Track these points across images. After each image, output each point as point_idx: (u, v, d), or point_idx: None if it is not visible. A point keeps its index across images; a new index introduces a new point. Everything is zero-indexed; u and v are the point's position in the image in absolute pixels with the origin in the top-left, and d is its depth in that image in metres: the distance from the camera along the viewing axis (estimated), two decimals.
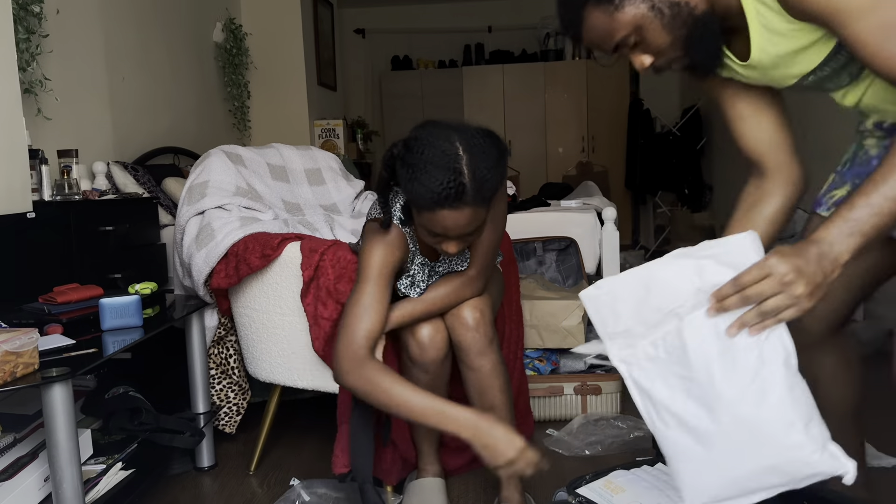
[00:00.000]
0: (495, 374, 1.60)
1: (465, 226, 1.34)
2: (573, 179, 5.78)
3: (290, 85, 5.25)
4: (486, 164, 1.32)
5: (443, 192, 1.29)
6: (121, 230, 2.41)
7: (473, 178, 1.30)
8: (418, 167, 1.31)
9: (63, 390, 1.36)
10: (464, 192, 1.30)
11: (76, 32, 3.08)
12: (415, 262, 1.60)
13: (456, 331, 1.59)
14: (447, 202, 1.30)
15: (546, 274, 2.97)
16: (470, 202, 1.31)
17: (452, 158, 1.30)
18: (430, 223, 1.35)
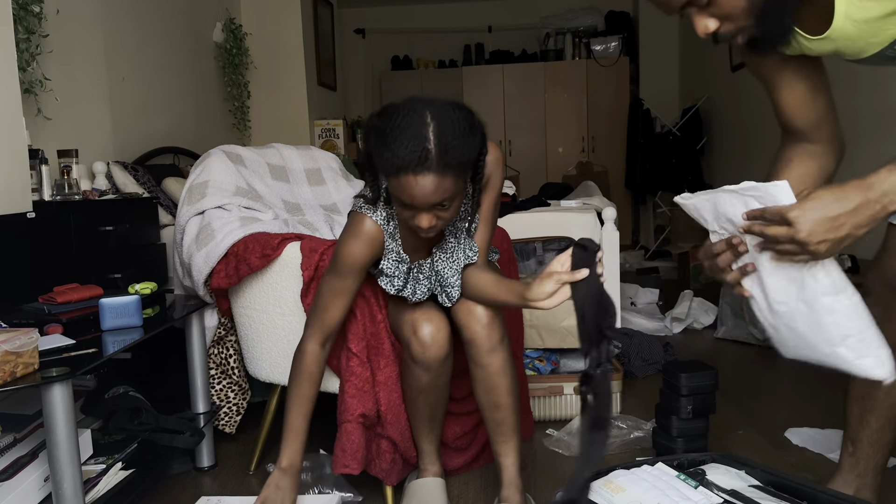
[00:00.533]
0: (503, 373, 1.60)
1: (430, 194, 1.34)
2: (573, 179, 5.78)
3: (290, 85, 5.25)
4: (452, 133, 1.34)
5: (407, 156, 1.31)
6: (121, 230, 2.41)
7: (438, 145, 1.32)
8: (387, 133, 1.34)
9: (63, 390, 1.36)
10: (427, 157, 1.31)
11: (76, 32, 3.09)
12: (389, 258, 1.59)
13: (468, 326, 1.59)
14: (410, 167, 1.32)
15: None
16: (433, 168, 1.32)
17: (419, 125, 1.33)
18: (398, 191, 1.37)
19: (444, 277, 1.61)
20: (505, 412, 1.63)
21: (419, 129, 1.32)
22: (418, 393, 1.67)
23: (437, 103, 1.38)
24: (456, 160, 1.34)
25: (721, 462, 1.43)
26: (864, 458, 1.50)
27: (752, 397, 2.52)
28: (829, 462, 1.94)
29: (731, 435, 2.19)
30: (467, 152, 1.37)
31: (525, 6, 7.29)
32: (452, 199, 1.40)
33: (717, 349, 3.20)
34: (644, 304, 3.99)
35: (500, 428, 1.64)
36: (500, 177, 1.59)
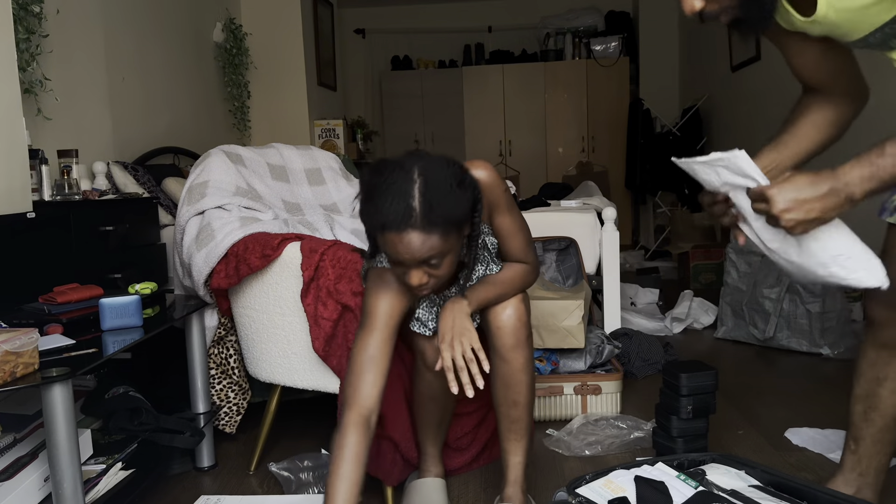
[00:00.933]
0: (525, 371, 1.60)
1: (415, 251, 1.31)
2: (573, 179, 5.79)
3: (290, 85, 5.25)
4: (439, 190, 1.30)
5: (390, 213, 1.28)
6: (121, 230, 2.41)
7: (423, 202, 1.28)
8: (374, 189, 1.32)
9: (63, 390, 1.36)
10: (411, 214, 1.28)
11: (76, 32, 3.09)
12: (423, 304, 1.59)
13: (498, 317, 1.57)
14: (394, 224, 1.29)
15: (546, 274, 2.97)
16: (417, 226, 1.29)
17: (404, 182, 1.30)
18: (384, 247, 1.34)
19: None
20: (522, 410, 1.63)
21: (404, 186, 1.29)
22: (430, 400, 1.67)
23: (429, 159, 1.34)
24: (441, 217, 1.30)
25: (721, 462, 1.43)
26: (866, 456, 1.50)
27: (752, 397, 2.52)
28: (829, 462, 1.94)
29: (731, 435, 2.19)
30: (455, 209, 1.32)
31: (525, 6, 7.29)
32: (443, 256, 1.35)
33: (717, 349, 3.20)
34: (644, 304, 3.99)
35: (514, 426, 1.64)
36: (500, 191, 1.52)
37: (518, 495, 1.64)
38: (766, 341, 3.11)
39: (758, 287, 3.14)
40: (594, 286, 2.98)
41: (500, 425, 1.66)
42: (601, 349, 2.46)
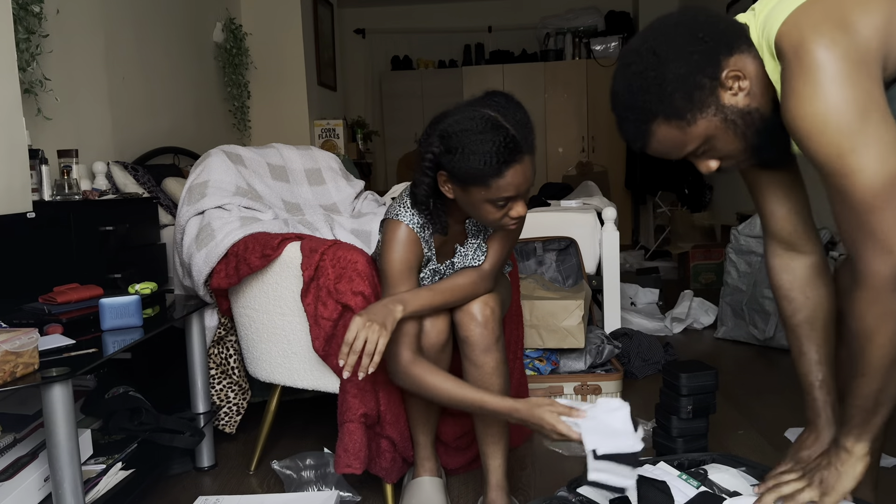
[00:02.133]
0: (497, 373, 1.60)
1: (531, 176, 1.40)
2: (573, 179, 5.79)
3: (290, 85, 5.25)
4: (518, 114, 1.38)
5: (503, 150, 1.34)
6: (121, 230, 2.41)
7: (517, 129, 1.36)
8: (465, 145, 1.36)
9: (63, 390, 1.36)
10: (518, 142, 1.36)
11: (76, 32, 3.09)
12: (427, 268, 1.61)
13: (464, 325, 1.59)
14: (511, 157, 1.35)
15: (546, 274, 2.97)
16: (526, 150, 1.38)
17: (491, 120, 1.36)
18: (500, 190, 1.39)
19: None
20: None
21: (493, 124, 1.36)
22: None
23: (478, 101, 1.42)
24: (531, 134, 1.39)
25: (722, 462, 1.43)
26: None
27: (752, 397, 2.52)
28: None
29: (731, 435, 2.19)
30: (531, 123, 1.41)
31: (525, 6, 7.29)
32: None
33: (717, 349, 3.20)
34: (644, 304, 3.99)
35: (490, 429, 1.64)
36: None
37: (502, 499, 1.63)
38: (766, 341, 3.11)
39: (758, 287, 3.14)
40: (594, 286, 2.98)
41: (477, 429, 1.66)
42: (601, 349, 2.46)
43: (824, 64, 1.01)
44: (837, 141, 1.01)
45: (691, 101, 1.12)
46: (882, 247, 1.02)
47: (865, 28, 1.02)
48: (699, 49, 1.11)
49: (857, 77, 1.01)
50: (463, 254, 1.62)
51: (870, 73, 1.02)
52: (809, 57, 1.02)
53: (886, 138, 1.01)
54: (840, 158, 1.02)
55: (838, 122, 1.01)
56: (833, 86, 1.01)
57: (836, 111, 1.01)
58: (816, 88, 1.02)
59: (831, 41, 1.01)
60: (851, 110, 1.01)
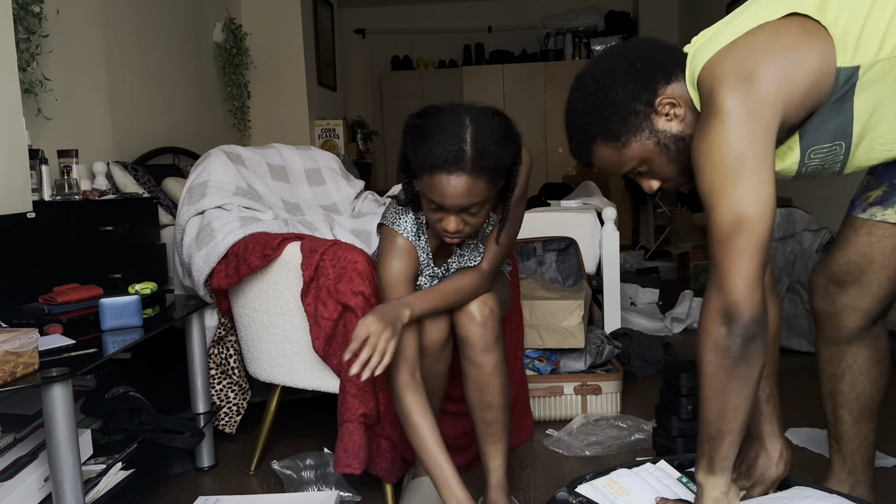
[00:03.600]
0: (497, 373, 1.60)
1: (461, 195, 1.36)
2: (573, 179, 5.79)
3: (290, 85, 5.25)
4: (489, 138, 1.36)
5: (442, 154, 1.33)
6: (121, 230, 2.41)
7: (475, 147, 1.34)
8: (425, 132, 1.36)
9: (63, 390, 1.36)
10: (462, 157, 1.33)
11: (76, 32, 3.09)
12: (424, 274, 1.61)
13: (463, 325, 1.58)
14: (445, 165, 1.34)
15: (546, 274, 2.97)
16: (467, 170, 1.34)
17: (458, 126, 1.35)
18: (430, 190, 1.38)
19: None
20: (496, 412, 1.62)
21: (457, 130, 1.34)
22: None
23: (477, 108, 1.40)
24: (490, 164, 1.36)
25: None
26: (850, 453, 1.51)
27: None
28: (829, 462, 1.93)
29: None
30: (502, 158, 1.38)
31: (525, 6, 7.29)
32: (482, 205, 1.41)
33: None
34: (644, 304, 3.99)
35: (490, 428, 1.64)
36: (522, 178, 1.57)
37: (502, 499, 1.63)
38: None
39: None
40: (594, 286, 2.98)
41: (477, 429, 1.66)
42: (601, 349, 2.46)
43: (721, 109, 1.11)
44: (711, 177, 1.11)
45: (626, 125, 1.21)
46: (716, 282, 1.11)
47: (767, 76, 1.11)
48: (636, 77, 1.20)
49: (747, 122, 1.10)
50: (460, 254, 1.62)
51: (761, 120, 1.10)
52: (713, 102, 1.12)
53: (753, 184, 1.09)
54: (709, 194, 1.12)
55: (716, 160, 1.10)
56: (721, 128, 1.10)
57: (717, 150, 1.10)
58: (710, 129, 1.12)
59: (732, 89, 1.11)
60: (730, 153, 1.10)
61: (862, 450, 1.51)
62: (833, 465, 1.55)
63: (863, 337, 1.45)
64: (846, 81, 1.14)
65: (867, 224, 1.37)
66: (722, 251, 1.10)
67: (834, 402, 1.50)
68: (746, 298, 1.09)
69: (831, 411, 1.52)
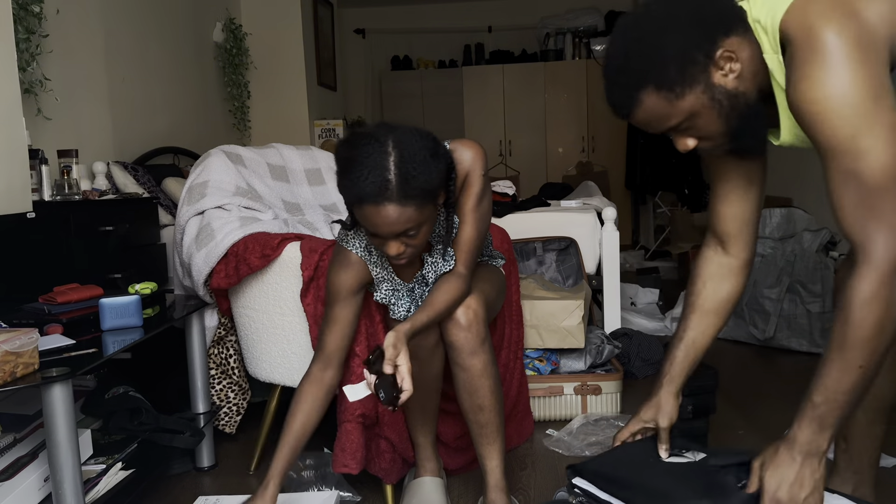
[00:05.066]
0: (486, 375, 1.59)
1: (392, 223, 1.35)
2: (573, 179, 5.79)
3: (290, 85, 5.25)
4: (414, 162, 1.33)
5: (367, 187, 1.32)
6: (121, 230, 2.41)
7: (399, 175, 1.32)
8: (348, 164, 1.35)
9: (63, 390, 1.36)
10: (387, 187, 1.32)
11: (76, 32, 3.09)
12: (381, 288, 1.60)
13: (448, 330, 1.58)
14: (371, 197, 1.33)
15: (546, 274, 2.97)
16: (394, 199, 1.32)
17: (380, 155, 1.33)
18: (362, 220, 1.38)
19: (430, 283, 1.60)
20: (488, 414, 1.61)
21: (379, 159, 1.32)
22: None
23: (401, 130, 1.37)
24: (417, 189, 1.33)
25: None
26: (857, 454, 1.51)
27: (752, 397, 2.52)
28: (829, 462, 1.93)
29: (731, 435, 2.19)
30: (430, 180, 1.35)
31: (525, 6, 7.29)
32: (420, 226, 1.39)
33: (717, 349, 3.20)
34: (644, 304, 3.99)
35: (483, 430, 1.63)
36: (478, 174, 1.54)
37: (502, 499, 1.63)
38: (766, 341, 3.11)
39: (758, 287, 3.14)
40: (594, 286, 2.98)
41: (472, 432, 1.65)
42: (601, 349, 2.46)
43: (835, 48, 1.02)
44: (851, 122, 1.03)
45: (683, 75, 1.13)
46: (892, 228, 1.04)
47: (872, 16, 1.05)
48: (698, 26, 1.12)
49: (868, 61, 1.03)
50: (432, 263, 1.59)
51: (879, 58, 1.04)
52: (820, 42, 1.03)
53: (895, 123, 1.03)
54: (852, 140, 1.03)
55: (852, 104, 1.03)
56: (845, 70, 1.02)
57: (850, 94, 1.03)
58: (829, 72, 1.03)
59: (841, 26, 1.03)
60: (864, 93, 1.02)
61: (871, 450, 1.50)
62: (838, 464, 1.54)
63: None
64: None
65: None
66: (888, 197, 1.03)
67: None
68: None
69: None
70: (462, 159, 1.52)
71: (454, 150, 1.53)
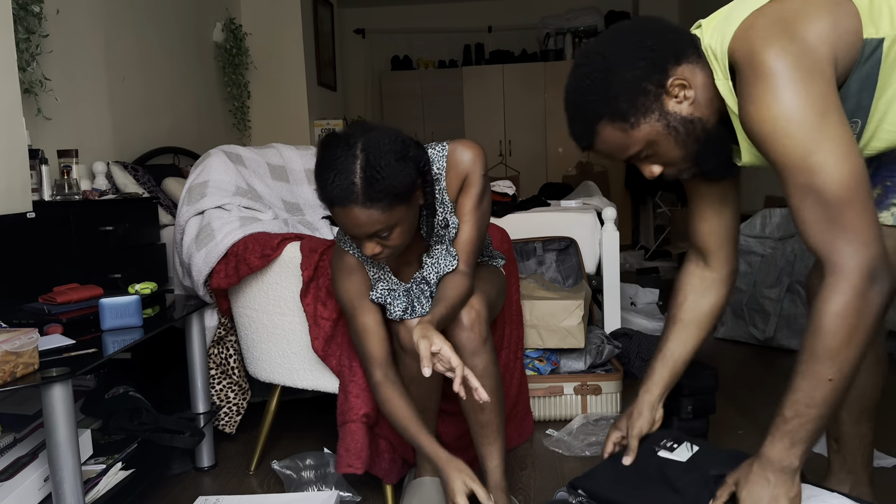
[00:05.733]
0: (487, 375, 1.59)
1: (361, 225, 1.37)
2: (573, 179, 5.79)
3: (290, 85, 5.25)
4: (380, 164, 1.34)
5: (333, 190, 1.34)
6: (121, 230, 2.41)
7: (364, 178, 1.33)
8: (319, 165, 1.38)
9: (63, 390, 1.36)
10: (353, 191, 1.33)
11: (76, 32, 3.09)
12: (377, 288, 1.60)
13: (450, 330, 1.58)
14: (337, 201, 1.35)
15: (546, 274, 2.97)
16: (359, 202, 1.34)
17: (347, 158, 1.34)
18: (336, 220, 1.41)
19: (431, 284, 1.60)
20: (489, 414, 1.61)
21: (346, 162, 1.34)
22: (409, 382, 1.65)
23: (375, 132, 1.38)
24: (382, 192, 1.34)
25: None
26: (849, 453, 1.51)
27: (752, 397, 2.52)
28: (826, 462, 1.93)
29: (731, 435, 2.19)
30: (395, 183, 1.35)
31: (525, 6, 7.29)
32: (391, 228, 1.40)
33: (717, 349, 3.20)
34: (644, 304, 3.99)
35: (484, 430, 1.63)
36: (478, 174, 1.55)
37: (502, 499, 1.63)
38: (766, 341, 3.11)
39: (758, 287, 3.14)
40: (594, 286, 2.98)
41: (472, 431, 1.65)
42: (601, 349, 2.46)
43: (777, 70, 1.06)
44: (800, 141, 1.06)
45: (635, 106, 1.15)
46: (856, 240, 1.05)
47: (812, 36, 1.07)
48: (647, 56, 1.15)
49: (811, 80, 1.05)
50: (432, 263, 1.59)
51: (822, 75, 1.07)
52: (763, 65, 1.07)
53: (845, 136, 1.06)
54: (804, 158, 1.06)
55: (800, 122, 1.05)
56: (788, 90, 1.05)
57: (796, 113, 1.05)
58: (774, 93, 1.06)
59: (781, 49, 1.06)
60: (811, 111, 1.05)
61: (862, 449, 1.51)
62: (832, 464, 1.55)
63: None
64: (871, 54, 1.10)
65: None
66: (848, 210, 1.04)
67: None
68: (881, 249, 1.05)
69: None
70: (462, 160, 1.53)
71: (454, 151, 1.53)
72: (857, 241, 1.05)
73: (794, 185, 1.08)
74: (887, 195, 1.33)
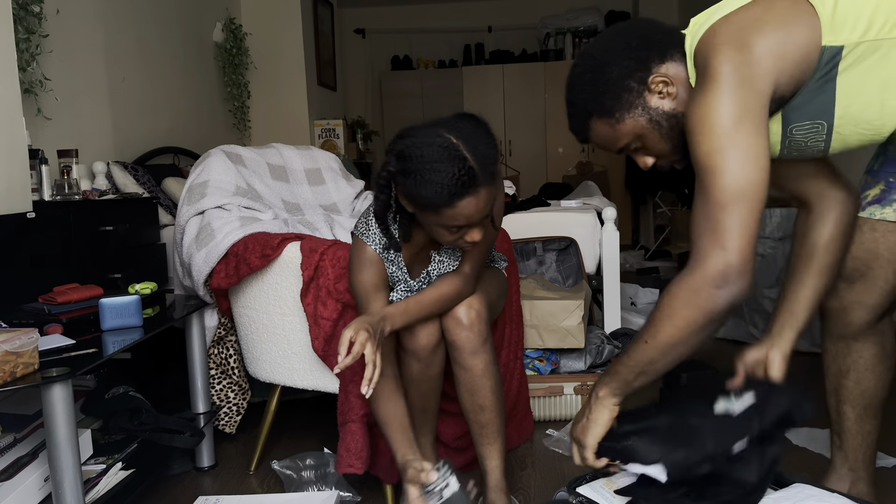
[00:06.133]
0: (487, 375, 1.59)
1: (484, 207, 1.38)
2: (573, 179, 5.79)
3: (290, 85, 5.25)
4: (481, 143, 1.36)
5: (457, 182, 1.32)
6: (121, 230, 2.41)
7: (476, 159, 1.34)
8: (422, 170, 1.32)
9: (63, 390, 1.36)
10: (475, 175, 1.33)
11: (76, 32, 3.09)
12: (398, 289, 1.60)
13: (450, 329, 1.58)
14: (464, 190, 1.33)
15: (546, 274, 2.97)
16: (482, 183, 1.35)
17: (451, 149, 1.33)
18: (452, 219, 1.37)
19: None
20: (489, 414, 1.62)
21: (452, 153, 1.33)
22: (409, 383, 1.66)
23: (445, 122, 1.39)
24: (493, 165, 1.37)
25: None
26: (851, 450, 1.51)
27: None
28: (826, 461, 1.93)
29: None
30: (494, 153, 1.40)
31: (525, 6, 7.29)
32: (496, 200, 1.44)
33: (717, 349, 3.20)
34: (644, 304, 3.99)
35: (484, 430, 1.63)
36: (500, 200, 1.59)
37: (501, 499, 1.63)
38: None
39: (758, 287, 3.14)
40: (594, 286, 2.98)
41: (472, 431, 1.65)
42: (601, 349, 2.46)
43: (716, 75, 1.14)
44: (709, 140, 1.12)
45: (619, 102, 1.24)
46: (719, 242, 1.11)
47: (761, 49, 1.14)
48: (632, 55, 1.23)
49: (740, 89, 1.12)
50: (439, 261, 1.60)
51: (753, 87, 1.13)
52: (709, 69, 1.15)
53: (752, 147, 1.11)
54: (708, 157, 1.12)
55: (713, 124, 1.12)
56: (716, 94, 1.13)
57: (714, 115, 1.12)
58: (705, 95, 1.14)
59: (727, 56, 1.14)
60: (727, 117, 1.12)
61: (864, 447, 1.51)
62: (834, 461, 1.55)
63: (869, 333, 1.45)
64: (829, 61, 1.15)
65: (869, 221, 1.39)
66: (724, 214, 1.10)
67: (838, 398, 1.51)
68: (749, 262, 1.10)
69: (835, 407, 1.52)
70: None
71: None
72: (720, 244, 1.10)
73: (697, 180, 1.16)
74: (890, 191, 1.34)
